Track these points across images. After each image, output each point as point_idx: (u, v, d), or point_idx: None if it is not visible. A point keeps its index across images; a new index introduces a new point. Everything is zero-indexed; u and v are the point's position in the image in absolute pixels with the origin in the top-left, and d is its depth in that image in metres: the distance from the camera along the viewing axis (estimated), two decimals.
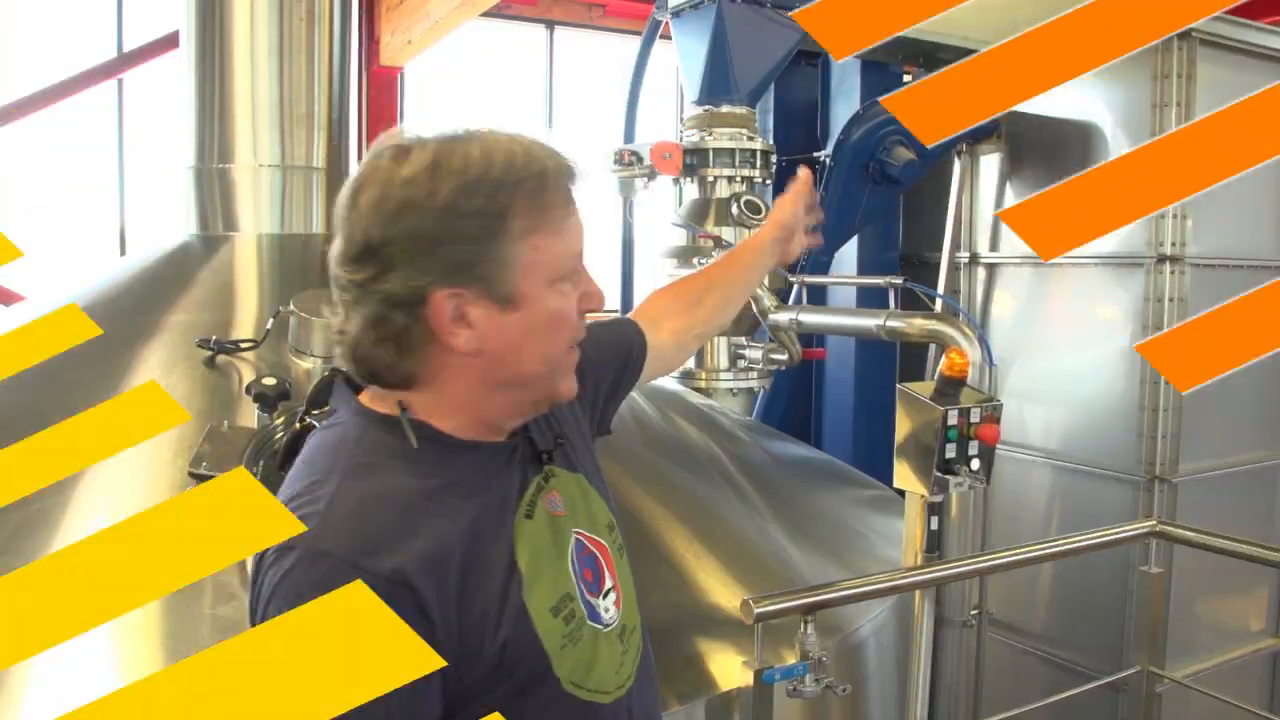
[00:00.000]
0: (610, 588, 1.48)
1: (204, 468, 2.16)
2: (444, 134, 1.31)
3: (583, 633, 1.39)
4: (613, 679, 1.44)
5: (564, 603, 1.37)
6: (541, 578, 1.35)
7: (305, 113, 3.05)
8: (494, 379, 1.34)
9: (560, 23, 10.36)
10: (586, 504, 1.51)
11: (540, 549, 1.38)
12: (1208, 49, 4.53)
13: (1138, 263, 4.61)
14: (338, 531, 1.21)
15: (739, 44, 4.62)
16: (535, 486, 1.42)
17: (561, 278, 1.34)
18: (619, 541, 1.56)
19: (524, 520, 1.37)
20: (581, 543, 1.45)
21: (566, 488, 1.48)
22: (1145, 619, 3.14)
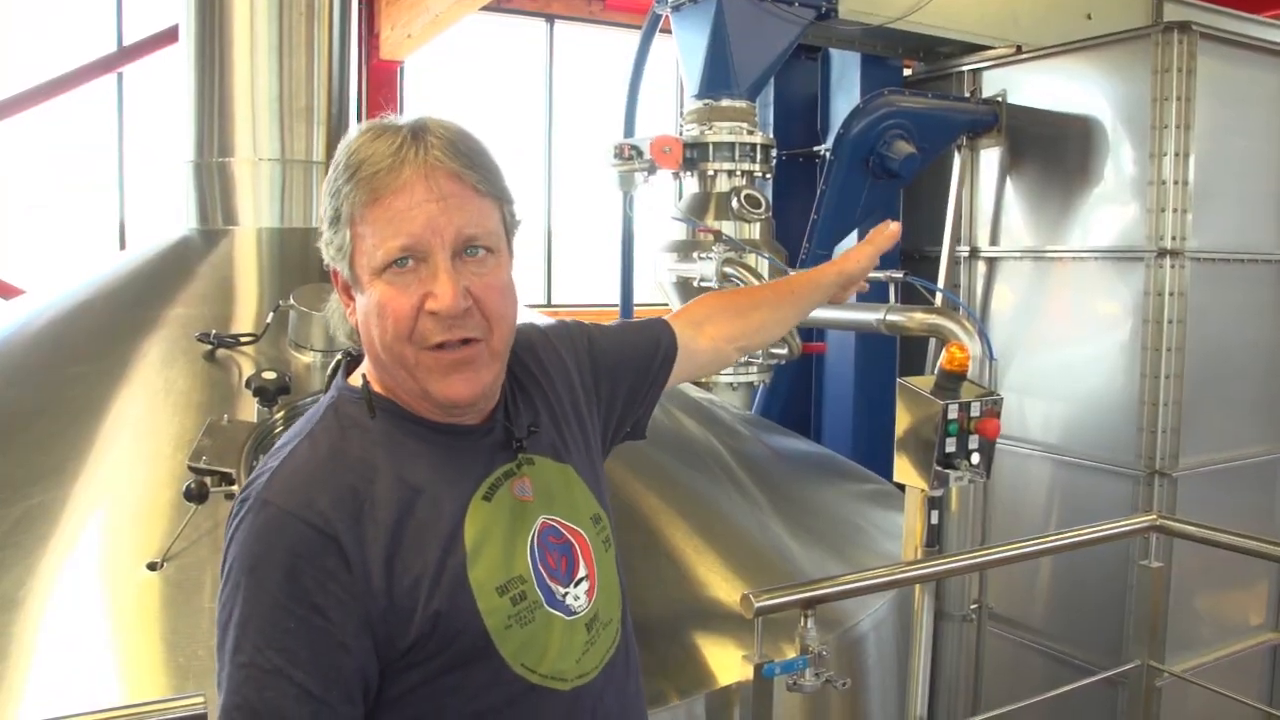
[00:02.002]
0: (583, 577, 1.49)
1: (204, 461, 2.16)
2: (364, 127, 1.41)
3: (534, 615, 1.41)
4: (572, 667, 1.45)
5: (513, 584, 1.40)
6: (486, 556, 1.39)
7: (305, 107, 3.05)
8: (373, 358, 1.42)
9: (560, 17, 10.35)
10: (569, 494, 1.53)
11: (490, 529, 1.41)
12: (1208, 43, 4.53)
13: (1138, 257, 4.61)
14: (281, 486, 1.33)
15: (739, 38, 4.61)
16: (503, 472, 1.46)
17: (384, 268, 1.34)
18: (606, 535, 1.57)
19: (480, 502, 1.42)
20: (554, 529, 1.48)
21: (544, 476, 1.51)
22: (1145, 613, 3.14)
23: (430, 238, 1.33)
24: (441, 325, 1.34)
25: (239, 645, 1.27)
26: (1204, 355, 4.63)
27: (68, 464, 2.28)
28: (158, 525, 2.15)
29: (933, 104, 5.21)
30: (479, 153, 1.40)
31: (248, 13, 2.99)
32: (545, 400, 1.58)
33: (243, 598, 1.28)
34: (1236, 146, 4.75)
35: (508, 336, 1.43)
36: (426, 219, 1.33)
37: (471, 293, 1.35)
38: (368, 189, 1.34)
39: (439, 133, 1.37)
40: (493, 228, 1.39)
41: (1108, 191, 4.80)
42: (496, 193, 1.41)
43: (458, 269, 1.35)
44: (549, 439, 1.55)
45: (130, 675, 1.92)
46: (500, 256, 1.41)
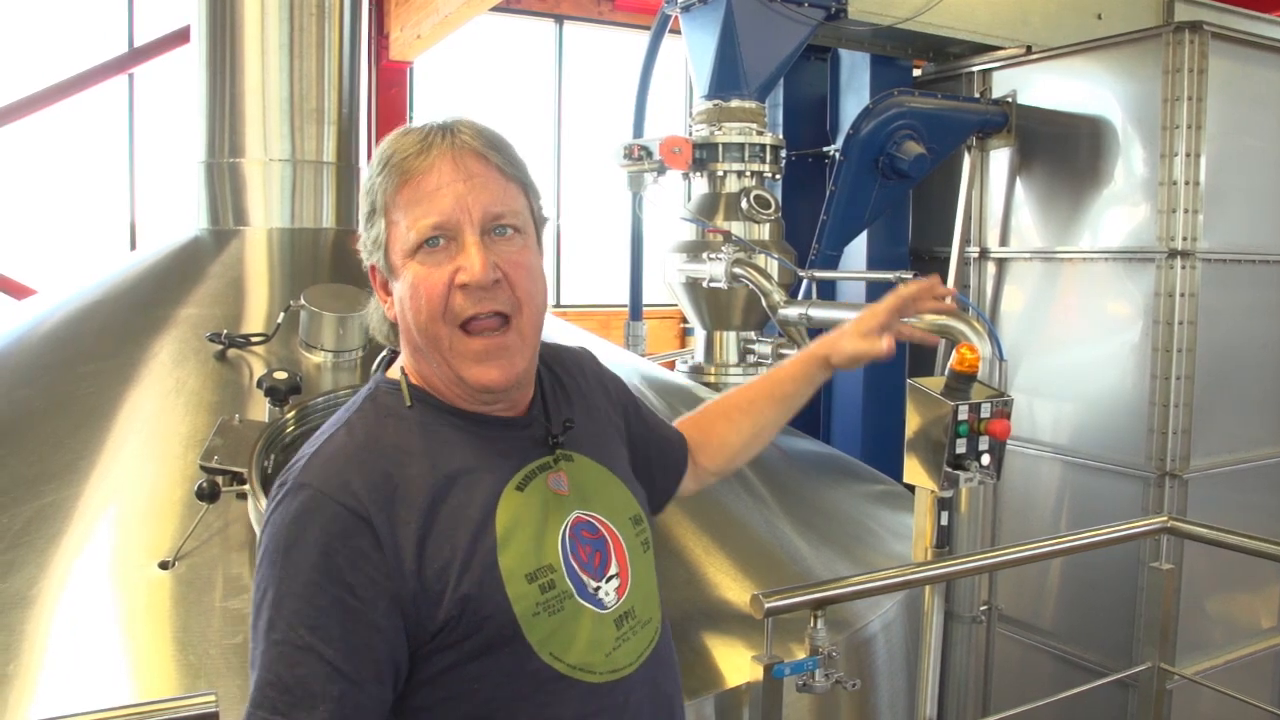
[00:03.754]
0: (614, 574, 1.50)
1: (215, 461, 2.17)
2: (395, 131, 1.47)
3: (563, 605, 1.43)
4: (601, 660, 1.46)
5: (542, 572, 1.43)
6: (516, 544, 1.41)
7: (315, 108, 3.06)
8: (410, 348, 1.47)
9: (569, 17, 10.36)
10: (607, 493, 1.57)
11: (521, 518, 1.43)
12: (1219, 42, 4.51)
13: (1148, 257, 4.60)
14: (318, 470, 1.37)
15: (748, 38, 4.61)
16: (539, 465, 1.49)
17: (416, 250, 1.40)
18: (645, 537, 1.59)
19: (513, 491, 1.45)
20: (589, 524, 1.51)
21: (582, 473, 1.54)
22: (1156, 615, 3.13)
23: (459, 215, 1.38)
24: (472, 298, 1.39)
25: (273, 623, 1.30)
26: (1215, 356, 4.62)
27: (79, 463, 2.28)
28: (169, 524, 2.16)
29: (942, 104, 5.20)
30: (506, 144, 1.46)
31: (259, 14, 3.00)
32: (586, 406, 1.63)
33: (278, 576, 1.31)
34: (1248, 147, 4.73)
35: (537, 319, 1.46)
36: (455, 197, 1.38)
37: (500, 267, 1.40)
38: (398, 174, 1.40)
39: (468, 123, 1.44)
40: (519, 209, 1.44)
41: (1118, 192, 4.78)
42: (523, 180, 1.46)
43: (486, 245, 1.40)
44: (590, 440, 1.59)
45: (141, 674, 1.92)
46: (528, 238, 1.45)
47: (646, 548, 1.59)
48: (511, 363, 1.43)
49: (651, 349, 6.11)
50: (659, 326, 9.57)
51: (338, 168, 3.11)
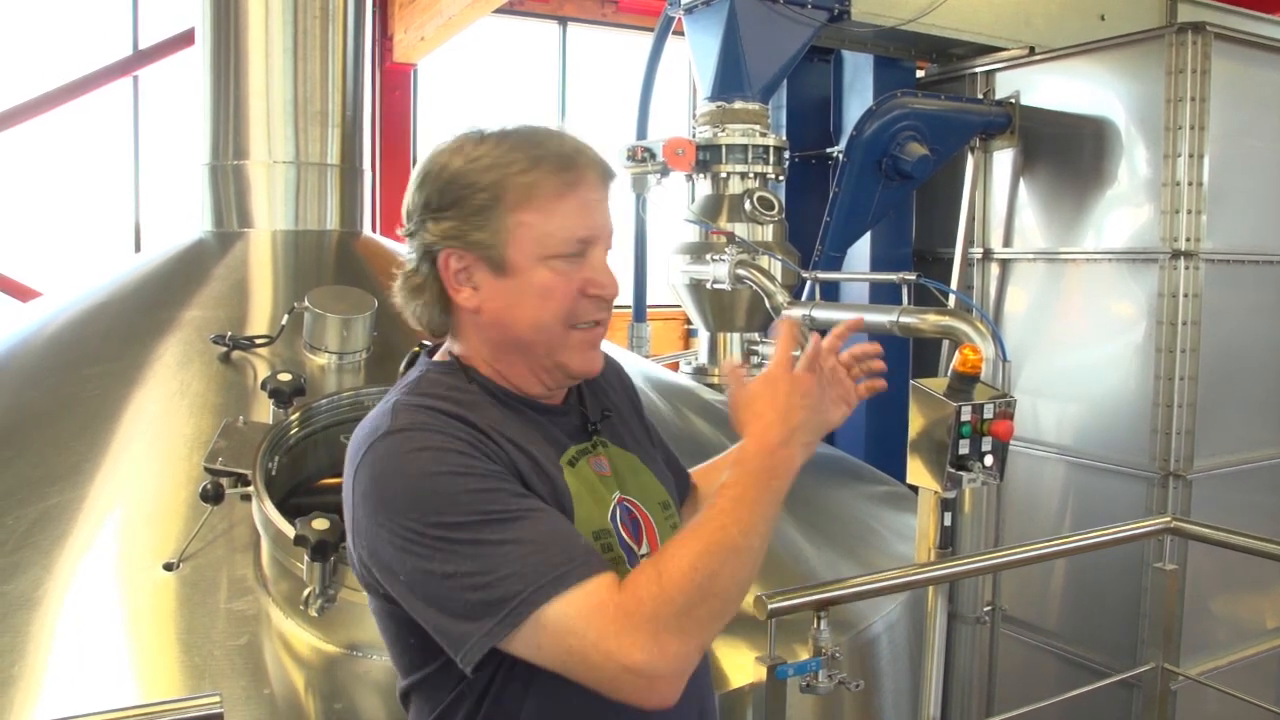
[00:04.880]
0: (646, 552, 1.54)
1: (220, 463, 2.17)
2: (503, 128, 1.49)
3: (619, 571, 1.41)
4: None
5: (603, 534, 1.49)
6: (582, 506, 1.48)
7: (320, 110, 3.06)
8: (496, 338, 1.50)
9: (573, 19, 10.37)
10: (638, 479, 1.62)
11: (583, 489, 1.50)
12: (1222, 43, 4.51)
13: (1152, 258, 4.59)
14: (407, 416, 1.39)
15: (751, 40, 4.61)
16: (580, 449, 1.56)
17: (553, 255, 1.44)
18: (674, 520, 1.64)
19: (567, 466, 1.51)
20: (626, 507, 1.56)
21: (616, 460, 1.60)
22: (1160, 616, 3.12)
23: (603, 232, 1.49)
24: (600, 306, 1.50)
25: (450, 546, 1.28)
26: (1218, 357, 4.61)
27: (84, 465, 2.29)
28: (174, 526, 2.17)
29: (946, 105, 5.20)
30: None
31: (263, 16, 3.01)
32: (613, 401, 1.71)
33: (422, 505, 1.30)
34: (1251, 147, 4.73)
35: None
36: (603, 216, 1.49)
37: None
38: (555, 178, 1.44)
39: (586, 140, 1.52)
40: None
41: (1121, 193, 4.78)
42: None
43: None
44: (620, 432, 1.66)
45: (146, 675, 1.93)
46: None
47: (674, 532, 1.60)
48: (600, 353, 1.55)
49: (655, 350, 6.11)
50: (663, 328, 9.57)
51: (342, 170, 3.12)
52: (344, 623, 1.95)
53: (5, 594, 2.01)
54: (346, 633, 1.95)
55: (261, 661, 1.95)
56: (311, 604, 1.90)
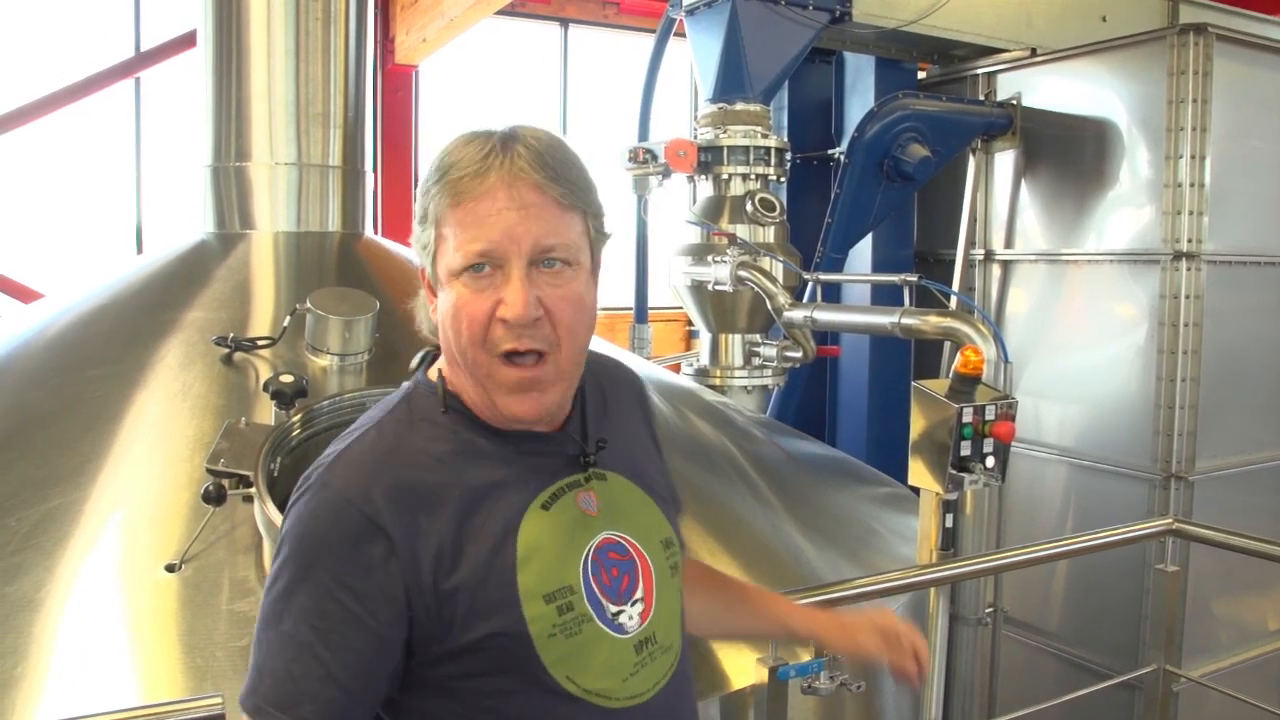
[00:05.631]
0: (640, 598, 1.46)
1: (222, 464, 2.17)
2: (461, 133, 1.42)
3: (581, 629, 1.40)
4: (618, 686, 1.42)
5: (561, 593, 1.40)
6: (537, 563, 1.39)
7: (321, 111, 3.06)
8: (449, 358, 1.43)
9: (574, 21, 10.37)
10: (639, 514, 1.53)
11: (544, 538, 1.40)
12: (1224, 45, 4.51)
13: (1154, 259, 4.59)
14: (342, 471, 1.37)
15: (753, 41, 4.61)
16: (568, 483, 1.46)
17: (461, 272, 1.35)
18: (675, 561, 1.55)
19: (539, 510, 1.42)
20: (618, 545, 1.47)
21: (615, 492, 1.50)
22: (1162, 617, 3.12)
23: (507, 245, 1.34)
24: (512, 333, 1.35)
25: (280, 615, 1.32)
26: (1220, 358, 4.61)
27: (87, 466, 2.29)
28: (176, 527, 2.17)
29: (947, 107, 5.20)
30: (567, 164, 1.39)
31: (265, 18, 3.01)
32: (625, 426, 1.60)
33: (290, 572, 1.33)
34: (1253, 148, 4.73)
35: (576, 353, 1.42)
36: (505, 227, 1.34)
37: (544, 303, 1.35)
38: (453, 192, 1.35)
39: (529, 142, 1.37)
40: (572, 240, 1.38)
41: (1123, 194, 4.78)
42: (582, 205, 1.40)
43: (533, 278, 1.35)
44: (627, 459, 1.55)
45: (148, 676, 1.93)
46: (578, 270, 1.40)
47: (674, 572, 1.54)
48: (543, 396, 1.39)
49: (656, 352, 6.11)
50: (664, 329, 9.57)
51: (343, 171, 3.12)
52: None
53: (7, 595, 2.02)
54: None
55: None
56: None
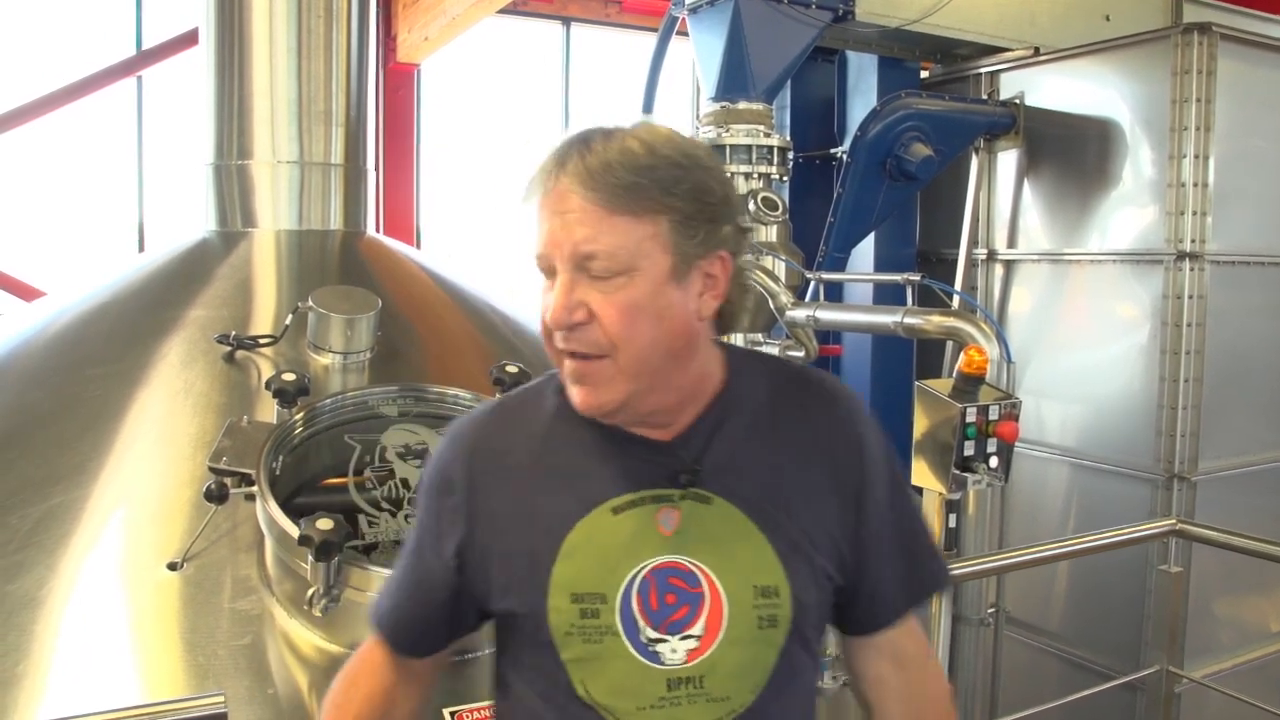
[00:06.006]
0: (695, 635, 1.38)
1: (224, 462, 2.17)
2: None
3: (603, 640, 1.37)
4: (633, 711, 1.37)
5: (591, 599, 1.37)
6: (579, 561, 1.38)
7: (323, 110, 3.06)
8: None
9: (576, 19, 10.36)
10: (735, 550, 1.40)
11: (597, 539, 1.39)
12: (1228, 44, 4.50)
13: (1157, 259, 4.59)
14: (457, 427, 1.53)
15: (756, 40, 4.61)
16: (655, 495, 1.40)
17: (538, 270, 1.39)
18: (773, 613, 1.39)
19: (607, 511, 1.39)
20: (690, 575, 1.39)
21: (712, 519, 1.40)
22: (1164, 618, 3.12)
23: (551, 251, 1.34)
24: (559, 335, 1.35)
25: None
26: (1223, 358, 4.60)
27: (89, 464, 2.29)
28: (178, 525, 2.17)
29: (950, 106, 5.20)
30: (631, 169, 1.32)
31: (266, 16, 3.01)
32: (778, 458, 1.44)
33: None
34: (1257, 148, 4.72)
35: (639, 357, 1.34)
36: (548, 233, 1.34)
37: (590, 308, 1.33)
38: (524, 195, 1.40)
39: (595, 147, 1.34)
40: (622, 245, 1.32)
41: (1126, 194, 4.77)
42: (644, 209, 1.33)
43: (581, 283, 1.33)
44: (755, 489, 1.42)
45: (149, 674, 1.93)
46: (638, 276, 1.33)
47: (769, 625, 1.39)
48: (597, 392, 1.36)
49: None
50: None
51: (345, 170, 3.12)
52: (347, 623, 1.95)
53: (10, 593, 2.01)
54: (350, 633, 1.95)
55: (265, 661, 1.95)
56: (315, 604, 1.90)
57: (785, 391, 1.48)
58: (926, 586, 1.58)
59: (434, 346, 2.83)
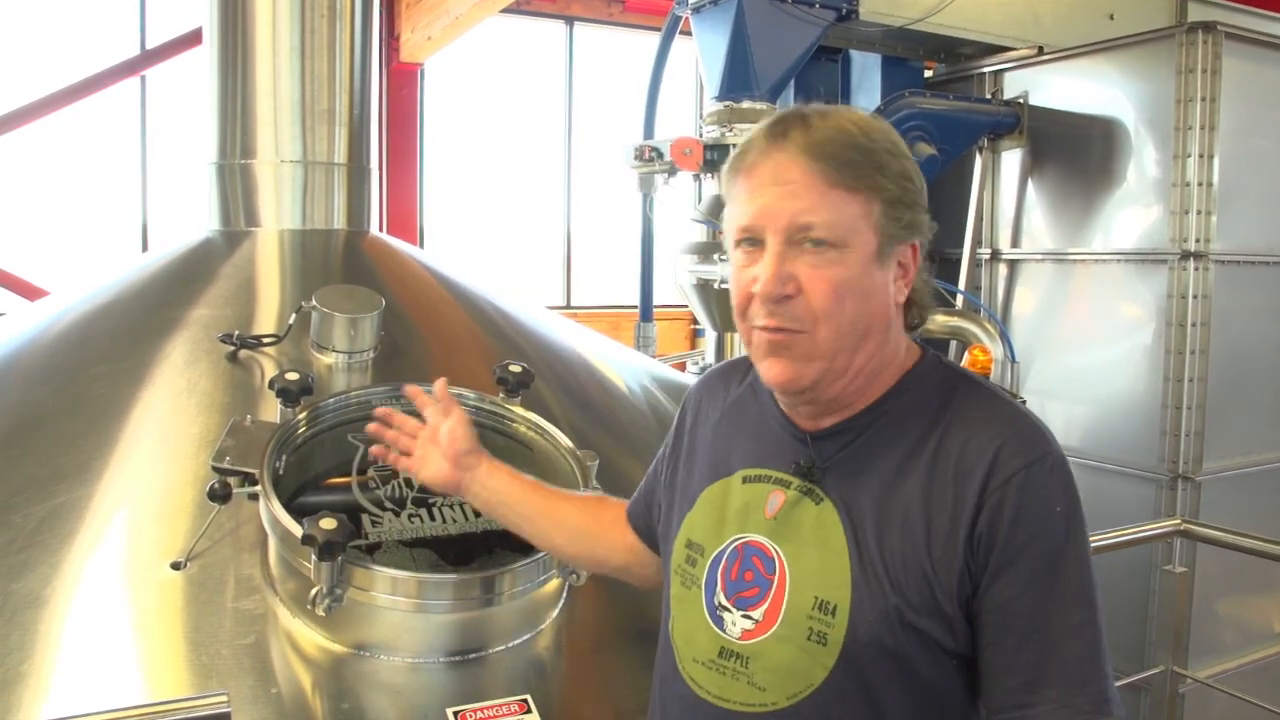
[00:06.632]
0: (755, 618, 1.40)
1: (227, 462, 2.17)
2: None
3: (691, 588, 1.49)
4: (690, 663, 1.47)
5: (694, 548, 1.51)
6: (700, 514, 1.53)
7: (327, 109, 3.06)
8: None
9: (580, 19, 10.38)
10: (815, 557, 1.38)
11: (720, 503, 1.51)
12: (1233, 43, 4.49)
13: (1161, 259, 4.58)
14: (707, 375, 1.75)
15: (759, 39, 4.61)
16: (778, 477, 1.45)
17: (736, 245, 1.41)
18: (822, 631, 1.35)
19: (739, 480, 1.50)
20: (770, 560, 1.41)
21: (809, 518, 1.40)
22: (1169, 619, 3.11)
23: (764, 222, 1.35)
24: (764, 308, 1.35)
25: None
26: (1228, 358, 4.60)
27: (92, 463, 2.29)
28: (181, 525, 2.16)
29: (954, 105, 5.19)
30: (850, 145, 1.34)
31: (270, 15, 3.01)
32: (908, 484, 1.35)
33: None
34: (1261, 148, 4.71)
35: (838, 335, 1.34)
36: (763, 204, 1.35)
37: (799, 281, 1.33)
38: (732, 167, 1.42)
39: (814, 122, 1.35)
40: (839, 220, 1.32)
41: (1130, 193, 4.77)
42: (863, 187, 1.34)
43: (792, 256, 1.33)
44: (864, 506, 1.37)
45: (153, 674, 1.93)
46: (849, 252, 1.33)
47: (818, 641, 1.34)
48: (794, 366, 1.35)
49: (662, 350, 6.11)
50: (669, 328, 9.57)
51: (349, 169, 3.11)
52: (351, 622, 1.94)
53: (13, 592, 2.01)
54: (354, 633, 1.95)
55: (269, 661, 1.95)
56: (319, 604, 1.90)
57: (956, 419, 1.37)
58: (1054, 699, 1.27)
59: (437, 346, 2.83)
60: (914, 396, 1.41)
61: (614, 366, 3.16)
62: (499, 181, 10.35)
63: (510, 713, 1.85)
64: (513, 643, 2.01)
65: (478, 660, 1.95)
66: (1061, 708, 1.27)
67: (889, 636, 1.31)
